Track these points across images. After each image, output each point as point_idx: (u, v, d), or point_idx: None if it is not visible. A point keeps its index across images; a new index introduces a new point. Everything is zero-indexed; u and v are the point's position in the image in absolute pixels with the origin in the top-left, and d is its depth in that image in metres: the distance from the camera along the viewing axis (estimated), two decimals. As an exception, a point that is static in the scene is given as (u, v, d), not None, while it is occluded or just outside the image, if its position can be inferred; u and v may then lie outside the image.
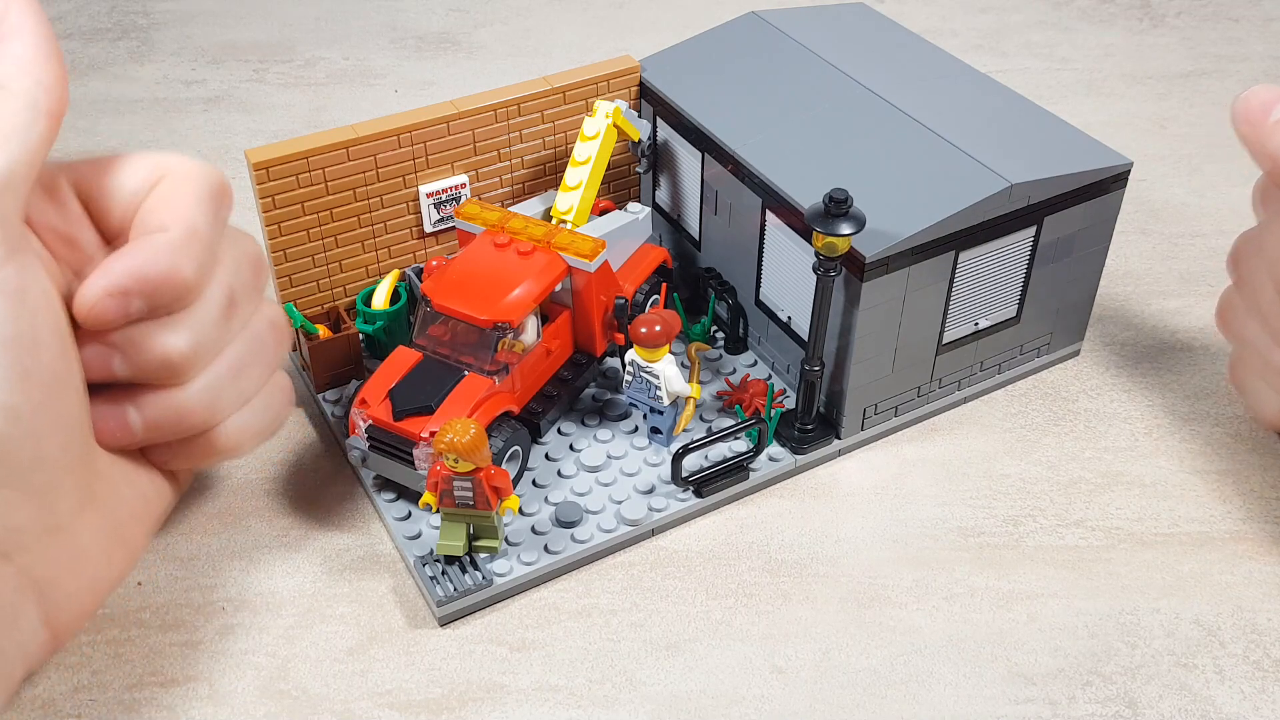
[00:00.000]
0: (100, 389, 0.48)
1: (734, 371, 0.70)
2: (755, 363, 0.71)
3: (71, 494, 0.47)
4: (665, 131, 0.73)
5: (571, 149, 0.71)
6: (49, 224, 0.47)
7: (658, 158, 0.75)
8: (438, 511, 0.58)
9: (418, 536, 0.60)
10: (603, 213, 0.71)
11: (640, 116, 0.74)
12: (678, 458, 0.61)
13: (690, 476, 0.62)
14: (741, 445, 0.65)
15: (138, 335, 0.47)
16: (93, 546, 0.49)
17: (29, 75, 0.45)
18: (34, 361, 0.44)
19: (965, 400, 0.70)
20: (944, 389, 0.69)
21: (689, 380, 0.66)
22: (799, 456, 0.65)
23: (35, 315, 0.44)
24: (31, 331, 0.44)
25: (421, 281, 0.68)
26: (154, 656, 0.56)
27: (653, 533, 0.62)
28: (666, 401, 0.64)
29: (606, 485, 0.63)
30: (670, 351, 0.63)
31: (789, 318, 0.68)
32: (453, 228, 0.72)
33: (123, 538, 0.50)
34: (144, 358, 0.47)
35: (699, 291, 0.73)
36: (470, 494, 0.56)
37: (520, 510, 0.61)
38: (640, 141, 0.73)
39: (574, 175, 0.69)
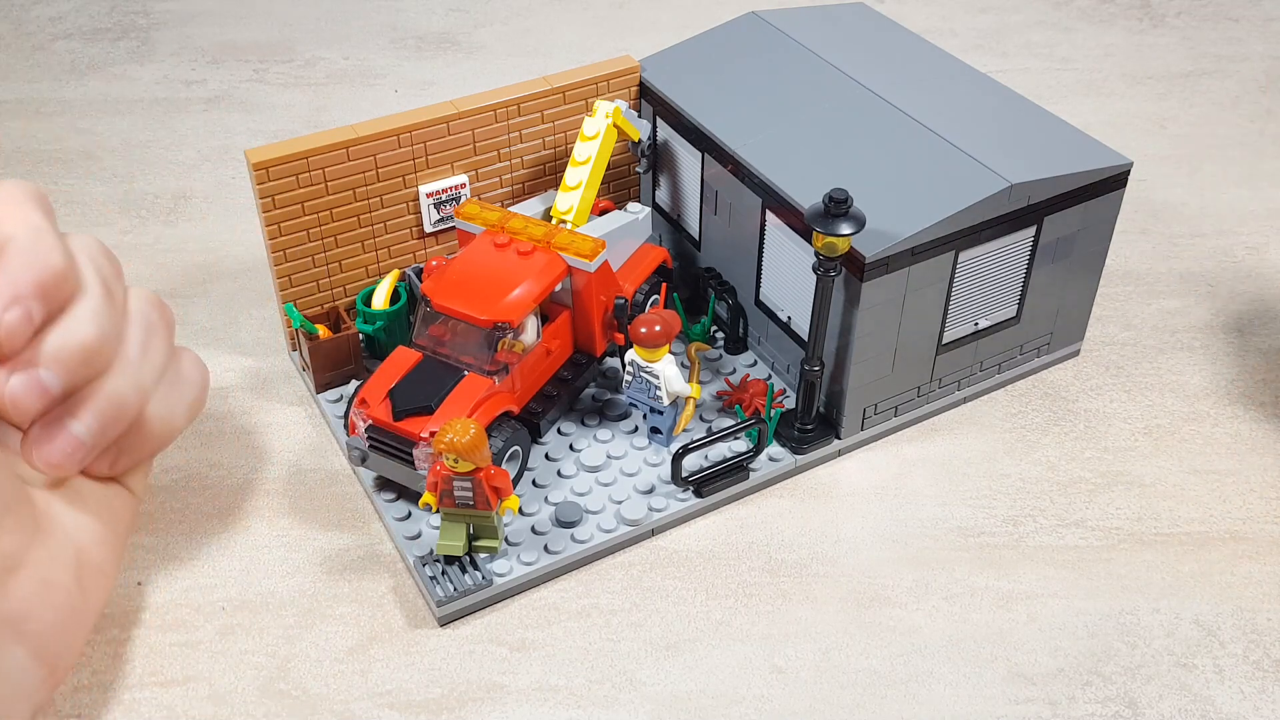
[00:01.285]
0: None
1: (734, 371, 0.70)
2: (755, 363, 0.71)
3: (15, 532, 0.48)
4: (665, 131, 0.74)
5: (571, 149, 0.71)
6: None
7: (658, 158, 0.75)
8: (438, 511, 0.58)
9: (418, 536, 0.60)
10: (603, 213, 0.71)
11: (640, 116, 0.74)
12: (678, 458, 0.61)
13: (690, 476, 0.62)
14: (741, 445, 0.65)
15: (51, 342, 0.48)
16: (57, 576, 0.50)
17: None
18: None
19: (965, 400, 0.70)
20: (944, 389, 0.69)
21: (689, 380, 0.66)
22: (799, 456, 0.65)
23: None
24: None
25: (421, 281, 0.68)
26: (154, 656, 0.56)
27: (653, 533, 0.62)
28: (666, 401, 0.64)
29: (606, 485, 0.63)
30: (670, 351, 0.63)
31: (789, 318, 0.68)
32: (453, 228, 0.72)
33: (89, 562, 0.51)
34: (65, 356, 0.48)
35: (699, 291, 0.73)
36: (470, 494, 0.56)
37: (520, 510, 0.61)
38: (640, 141, 0.73)
39: (574, 175, 0.69)
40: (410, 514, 0.61)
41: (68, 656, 0.50)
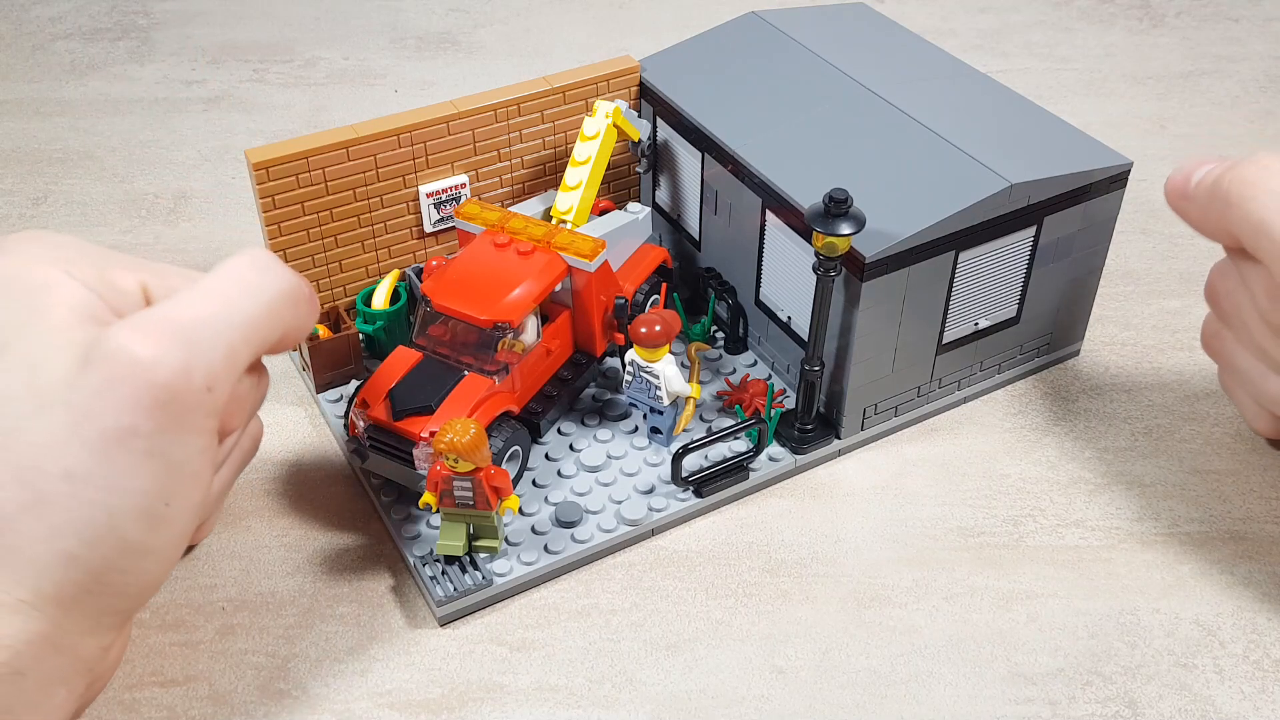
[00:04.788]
0: None
1: (734, 371, 0.70)
2: (755, 363, 0.71)
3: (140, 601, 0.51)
4: (665, 131, 0.73)
5: (571, 149, 0.71)
6: None
7: (658, 158, 0.75)
8: (438, 511, 0.58)
9: (418, 536, 0.60)
10: (603, 213, 0.71)
11: (640, 116, 0.74)
12: (678, 458, 0.61)
13: (690, 476, 0.62)
14: (741, 445, 0.65)
15: None
16: (125, 644, 0.53)
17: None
18: (195, 522, 0.48)
19: (965, 400, 0.70)
20: (944, 389, 0.69)
21: (689, 380, 0.66)
22: (799, 456, 0.65)
23: (210, 481, 0.48)
24: (205, 499, 0.48)
25: (421, 281, 0.68)
26: (154, 656, 0.56)
27: (653, 533, 0.62)
28: (666, 401, 0.64)
29: (606, 485, 0.63)
30: (670, 351, 0.63)
31: (789, 318, 0.68)
32: (453, 228, 0.72)
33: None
34: None
35: (699, 291, 0.73)
36: (470, 494, 0.56)
37: (520, 510, 0.61)
38: (640, 141, 0.73)
39: (574, 175, 0.69)
40: (410, 514, 0.61)
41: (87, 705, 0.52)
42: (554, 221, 0.68)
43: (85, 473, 0.44)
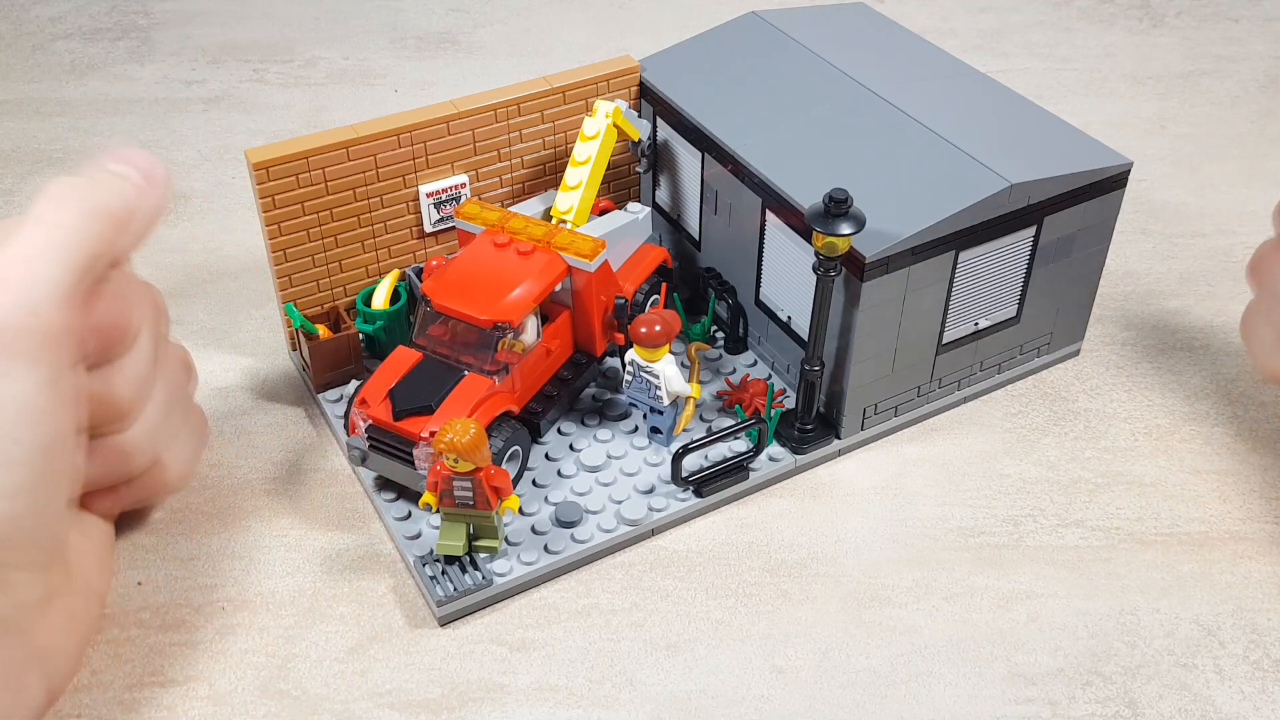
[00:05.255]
0: None
1: (734, 371, 0.70)
2: (755, 363, 0.71)
3: (61, 563, 0.50)
4: (665, 131, 0.73)
5: (571, 149, 0.71)
6: None
7: (658, 158, 0.75)
8: (438, 511, 0.58)
9: (418, 536, 0.60)
10: (603, 213, 0.71)
11: (640, 116, 0.74)
12: (678, 458, 0.61)
13: (690, 476, 0.62)
14: (741, 445, 0.65)
15: (90, 384, 0.50)
16: (77, 606, 0.52)
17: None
18: (62, 459, 0.47)
19: (965, 400, 0.70)
20: (944, 389, 0.69)
21: (689, 380, 0.66)
22: (799, 456, 0.65)
23: (70, 414, 0.47)
24: (64, 433, 0.47)
25: (421, 281, 0.68)
26: (154, 656, 0.56)
27: (653, 533, 0.62)
28: (666, 401, 0.64)
29: (606, 485, 0.63)
30: (670, 351, 0.63)
31: (789, 318, 0.68)
32: (453, 228, 0.72)
33: (91, 590, 0.53)
34: (95, 405, 0.50)
35: (699, 291, 0.73)
36: (470, 494, 0.56)
37: (520, 510, 0.61)
38: (640, 141, 0.73)
39: (574, 175, 0.69)
40: (410, 514, 0.61)
41: (66, 683, 0.52)
42: (554, 221, 0.68)
43: None
